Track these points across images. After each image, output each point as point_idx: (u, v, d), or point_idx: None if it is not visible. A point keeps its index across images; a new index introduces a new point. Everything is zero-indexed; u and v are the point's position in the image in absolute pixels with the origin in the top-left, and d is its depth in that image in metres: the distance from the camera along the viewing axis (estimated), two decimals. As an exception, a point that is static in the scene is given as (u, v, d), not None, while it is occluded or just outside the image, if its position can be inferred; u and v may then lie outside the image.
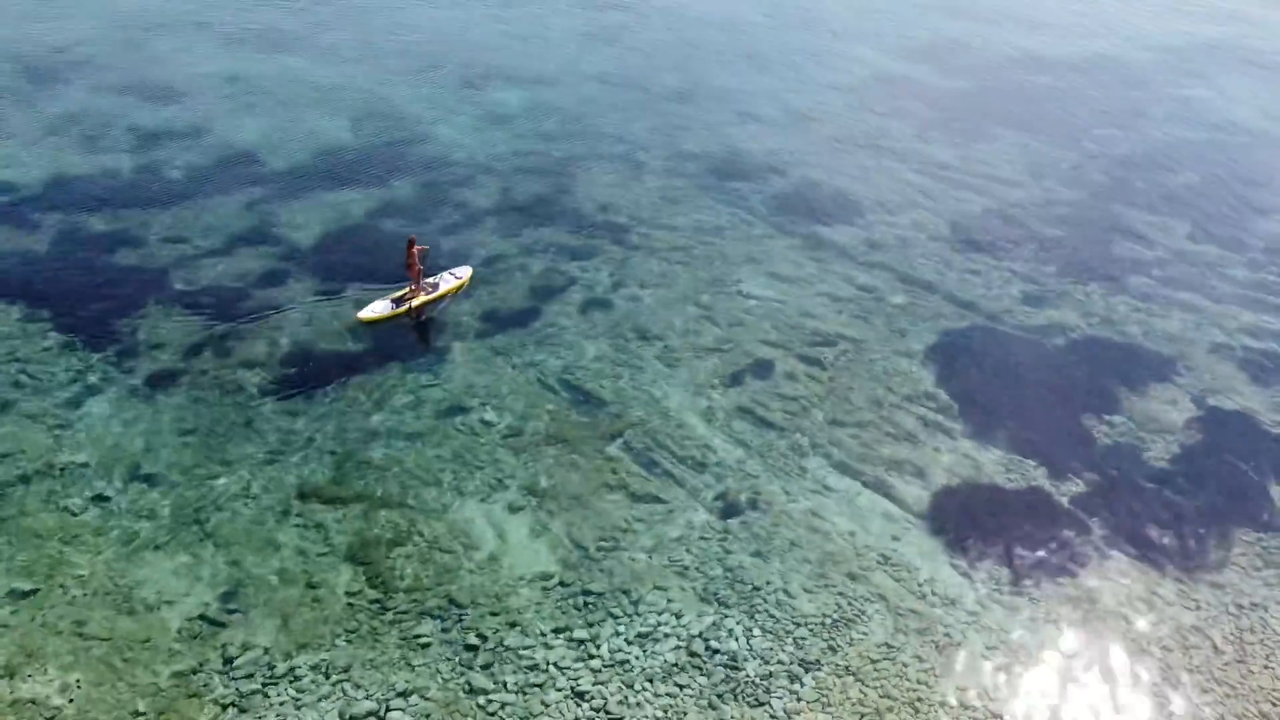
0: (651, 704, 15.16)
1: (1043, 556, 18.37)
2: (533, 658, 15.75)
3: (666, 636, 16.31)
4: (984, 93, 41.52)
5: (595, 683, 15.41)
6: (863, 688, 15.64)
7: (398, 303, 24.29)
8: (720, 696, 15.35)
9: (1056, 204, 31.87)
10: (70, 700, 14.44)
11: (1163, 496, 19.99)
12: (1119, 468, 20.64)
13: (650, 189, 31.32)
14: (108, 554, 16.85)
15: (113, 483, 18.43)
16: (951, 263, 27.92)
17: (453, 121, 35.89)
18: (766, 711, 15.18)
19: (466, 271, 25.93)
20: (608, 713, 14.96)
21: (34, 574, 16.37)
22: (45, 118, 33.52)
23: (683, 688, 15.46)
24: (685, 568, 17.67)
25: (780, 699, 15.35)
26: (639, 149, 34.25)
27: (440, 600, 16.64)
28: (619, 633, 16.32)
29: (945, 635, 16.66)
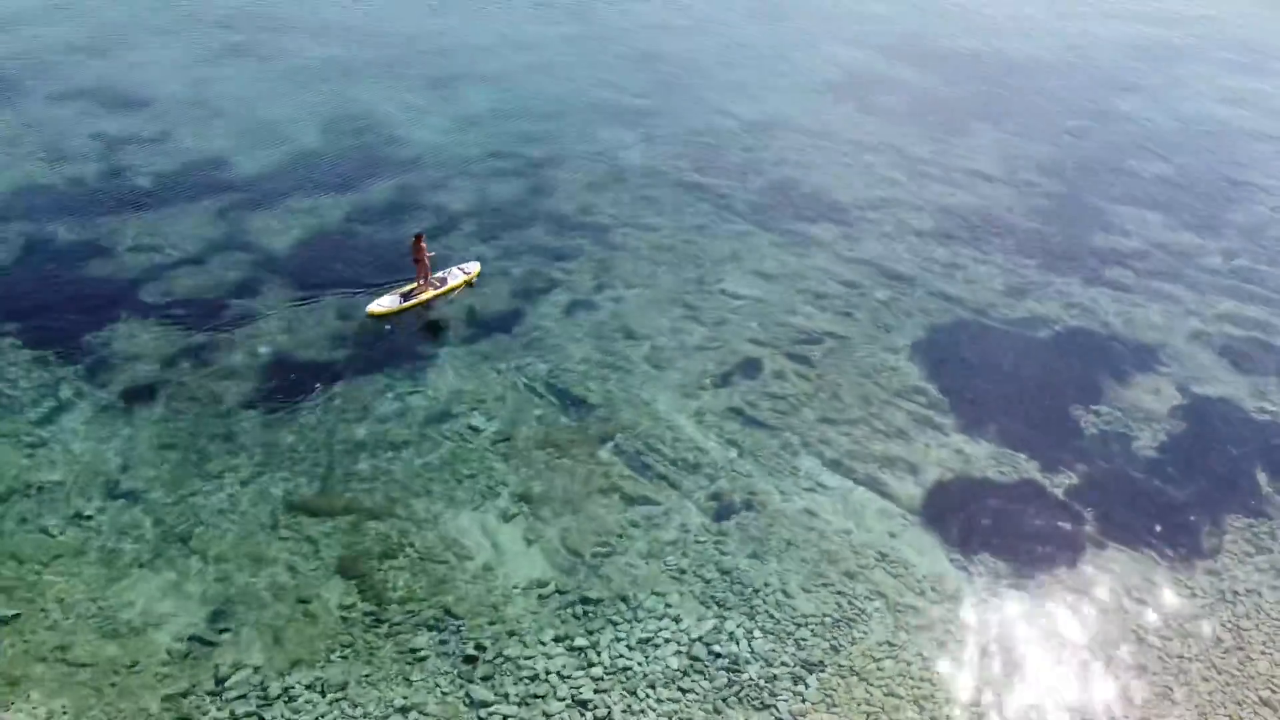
0: (655, 710, 14.95)
1: (1039, 549, 18.38)
2: (533, 668, 15.48)
3: (667, 641, 16.10)
4: (957, 88, 41.71)
5: (597, 691, 15.17)
6: (867, 687, 15.53)
7: (406, 297, 24.27)
8: (725, 700, 15.17)
9: (1033, 197, 32.05)
10: (56, 728, 14.00)
11: (1153, 485, 20.10)
12: (1108, 458, 20.73)
13: (629, 188, 31.08)
14: (90, 575, 16.35)
15: (92, 501, 17.91)
16: (933, 257, 27.95)
17: (424, 123, 35.41)
18: (772, 714, 15.02)
19: (475, 266, 25.82)
20: (612, 721, 14.76)
21: (13, 598, 15.82)
22: (3, 126, 32.64)
23: (686, 693, 15.26)
24: (682, 571, 17.47)
25: (785, 701, 15.19)
26: (615, 148, 33.99)
27: (436, 612, 16.32)
28: (619, 639, 16.08)
29: (946, 631, 16.60)
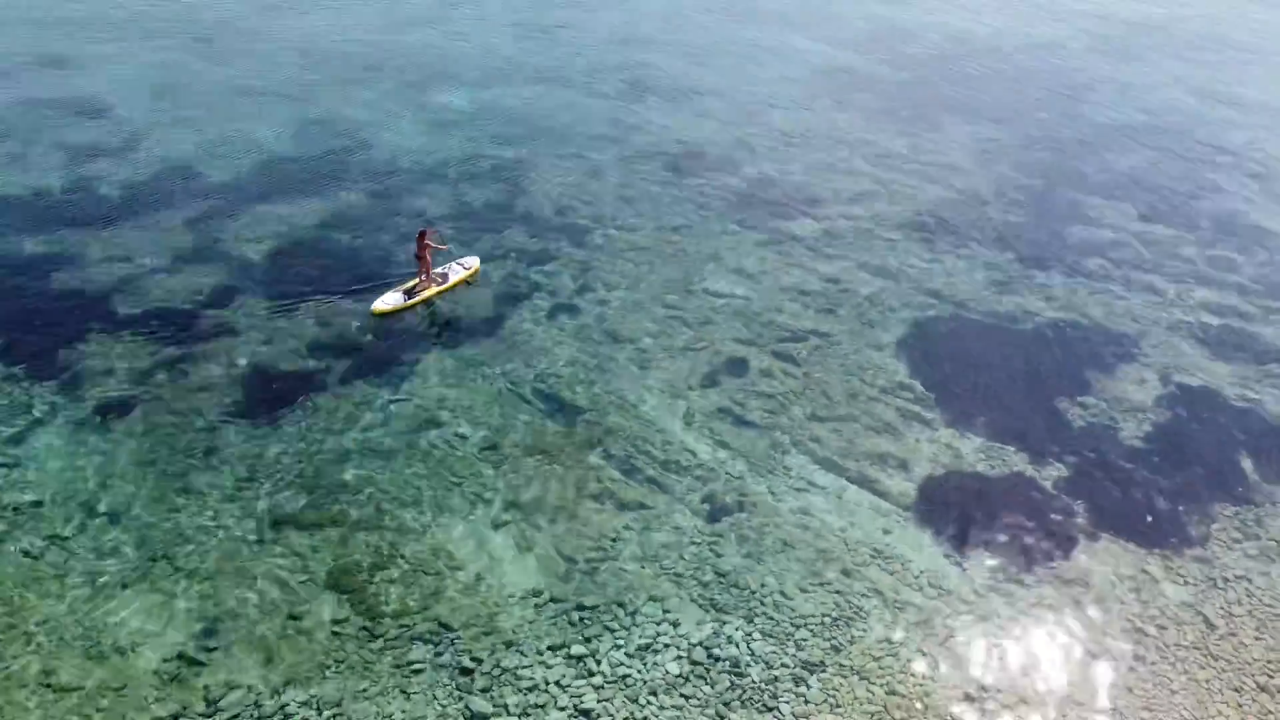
0: (658, 717, 14.77)
1: (1032, 541, 18.41)
2: (532, 678, 15.24)
3: (666, 647, 15.92)
4: (928, 81, 41.90)
5: (599, 700, 14.96)
6: (869, 686, 15.44)
7: (409, 294, 24.35)
8: (727, 705, 15.01)
9: (1009, 189, 32.22)
10: (43, 757, 13.58)
11: (1141, 475, 20.21)
12: (1096, 449, 20.82)
13: (606, 189, 30.87)
14: (72, 597, 15.88)
15: (70, 521, 17.40)
16: (913, 252, 28.00)
17: (397, 127, 34.99)
18: (775, 717, 14.89)
19: (474, 261, 25.94)
20: (615, 730, 14.56)
21: (-8, 623, 15.38)
22: (-36, 137, 31.89)
23: (688, 698, 15.10)
24: (679, 575, 17.30)
25: (788, 703, 15.07)
26: (591, 148, 33.77)
27: (430, 624, 16.03)
28: (618, 646, 15.88)
29: (945, 627, 16.56)
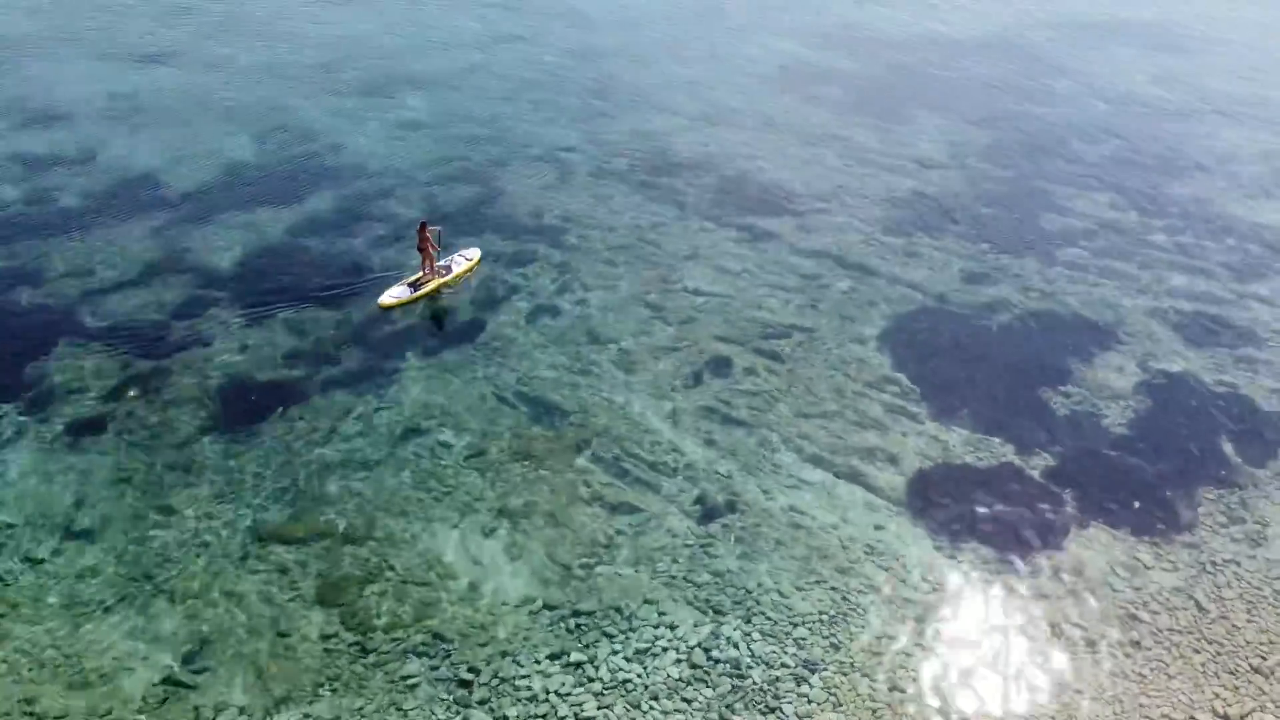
0: (660, 723, 14.60)
1: (1023, 531, 18.44)
2: (531, 688, 14.97)
3: (665, 650, 15.73)
4: (895, 76, 42.08)
5: (600, 707, 14.72)
6: (870, 683, 15.36)
7: (414, 287, 24.52)
8: (730, 707, 14.85)
9: (981, 182, 32.41)
10: (28, 790, 13.11)
11: (1126, 463, 20.35)
12: (1080, 438, 20.94)
13: (580, 189, 30.62)
14: (51, 622, 15.36)
15: (45, 543, 16.87)
16: (889, 246, 28.04)
17: (364, 131, 34.48)
18: (778, 717, 14.74)
19: (476, 253, 26.31)
20: (618, 738, 14.35)
21: (-32, 652, 14.83)
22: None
23: (690, 702, 14.91)
24: (673, 578, 17.12)
25: (790, 703, 14.94)
26: (562, 149, 33.49)
27: (424, 636, 15.71)
28: (616, 651, 15.66)
29: (943, 619, 16.52)
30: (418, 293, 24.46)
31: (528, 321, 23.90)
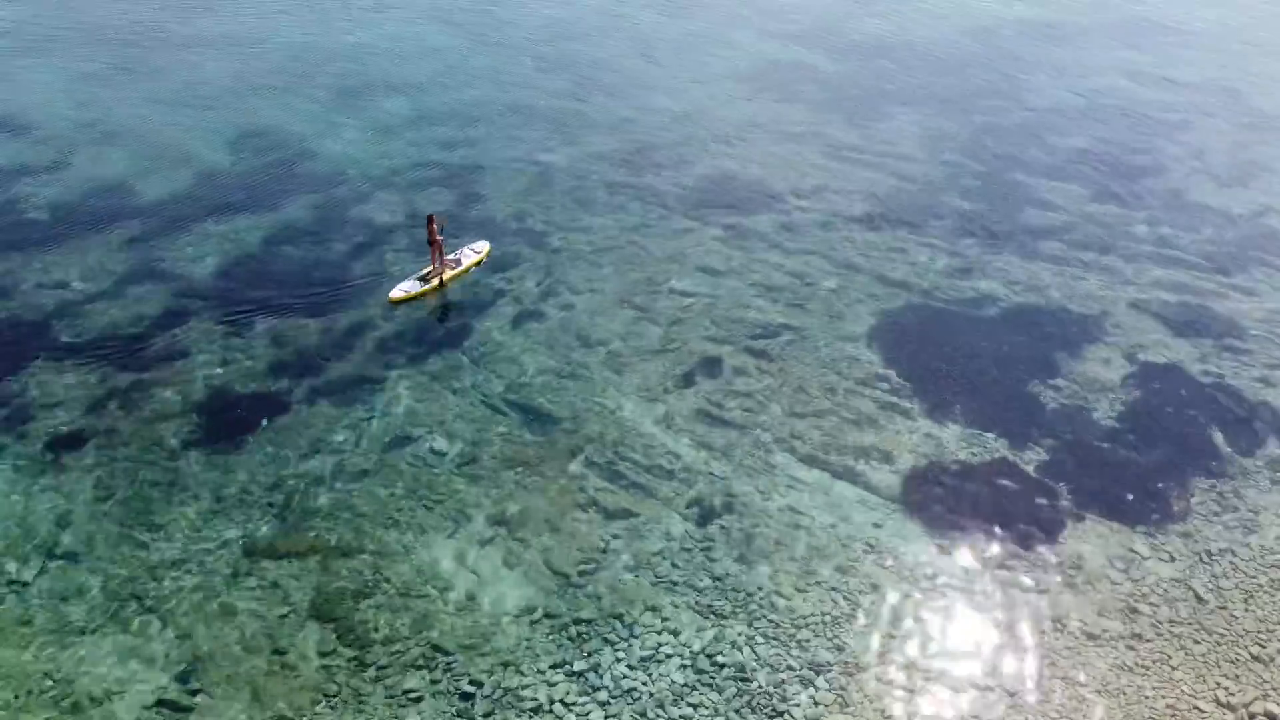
0: (667, 731, 14.43)
1: (1020, 526, 18.46)
2: (535, 698, 14.76)
3: (669, 657, 15.58)
4: (870, 72, 42.12)
5: (606, 716, 14.56)
6: (877, 683, 15.28)
7: (424, 280, 24.71)
8: (738, 712, 14.72)
9: (961, 176, 32.49)
10: (20, 821, 12.70)
11: (1118, 455, 20.43)
12: (1072, 431, 21.00)
13: (561, 191, 30.35)
14: (38, 646, 14.96)
15: (28, 565, 16.44)
16: (873, 243, 28.02)
17: (338, 136, 33.96)
18: (786, 721, 14.65)
19: (485, 245, 26.53)
20: (626, 747, 14.17)
21: (-48, 680, 14.36)
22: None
23: (697, 708, 14.77)
24: (673, 582, 16.96)
25: (798, 706, 14.83)
26: (541, 150, 33.17)
27: (423, 649, 15.46)
28: (619, 659, 15.49)
29: (944, 617, 16.49)
30: (427, 286, 24.61)
31: (514, 326, 23.63)
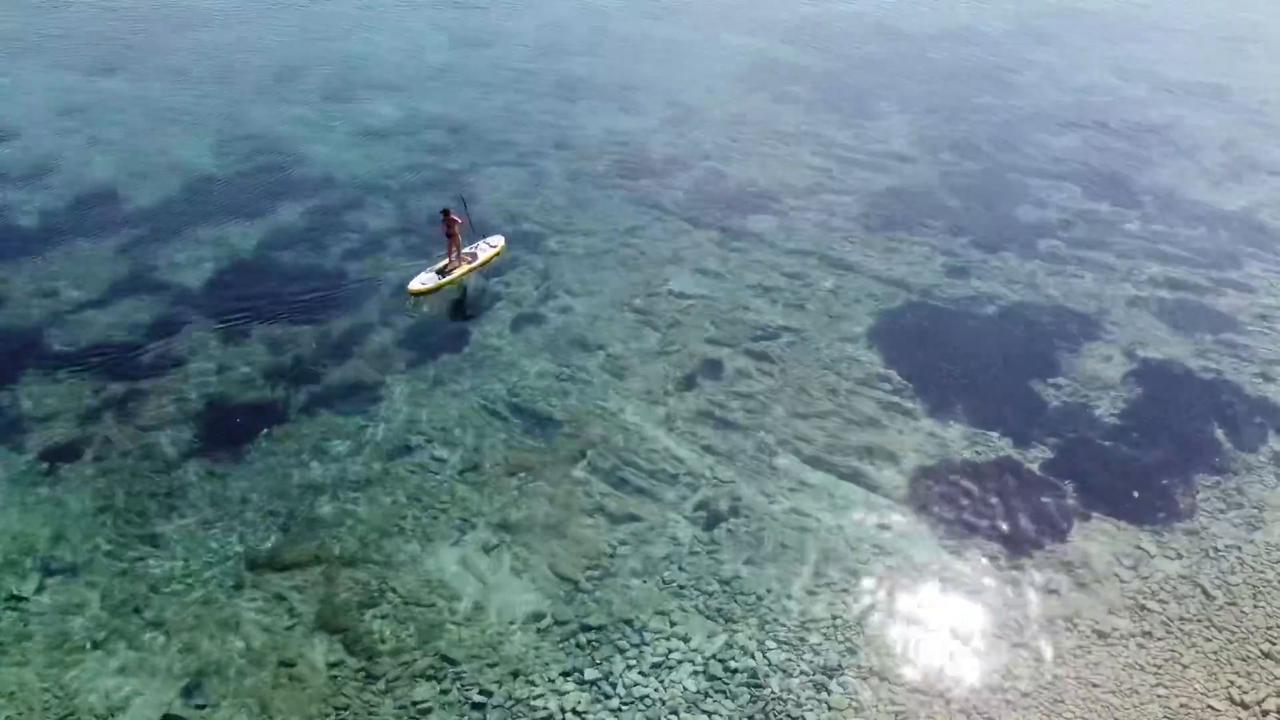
0: (681, 738, 14.28)
1: (1027, 525, 18.40)
2: (547, 708, 14.60)
3: (680, 663, 15.43)
4: (860, 70, 42.13)
5: (619, 725, 14.41)
6: (890, 686, 15.18)
7: (442, 273, 25.09)
8: (751, 718, 14.59)
9: (954, 175, 32.50)
10: (25, 843, 12.44)
11: (1121, 452, 20.41)
12: (1075, 429, 20.97)
13: (556, 194, 30.18)
14: (38, 663, 14.68)
15: (25, 580, 16.15)
16: (870, 242, 27.96)
17: (329, 139, 33.70)
18: (800, 727, 14.52)
19: (500, 240, 26.87)
20: (640, 756, 14.02)
21: (-49, 699, 14.08)
22: None
23: (711, 715, 14.63)
24: (681, 587, 16.81)
25: (812, 711, 14.71)
26: (534, 153, 32.99)
27: (432, 659, 15.27)
28: (631, 666, 15.33)
29: (955, 618, 16.40)
30: (445, 279, 24.88)
31: (513, 330, 23.44)
